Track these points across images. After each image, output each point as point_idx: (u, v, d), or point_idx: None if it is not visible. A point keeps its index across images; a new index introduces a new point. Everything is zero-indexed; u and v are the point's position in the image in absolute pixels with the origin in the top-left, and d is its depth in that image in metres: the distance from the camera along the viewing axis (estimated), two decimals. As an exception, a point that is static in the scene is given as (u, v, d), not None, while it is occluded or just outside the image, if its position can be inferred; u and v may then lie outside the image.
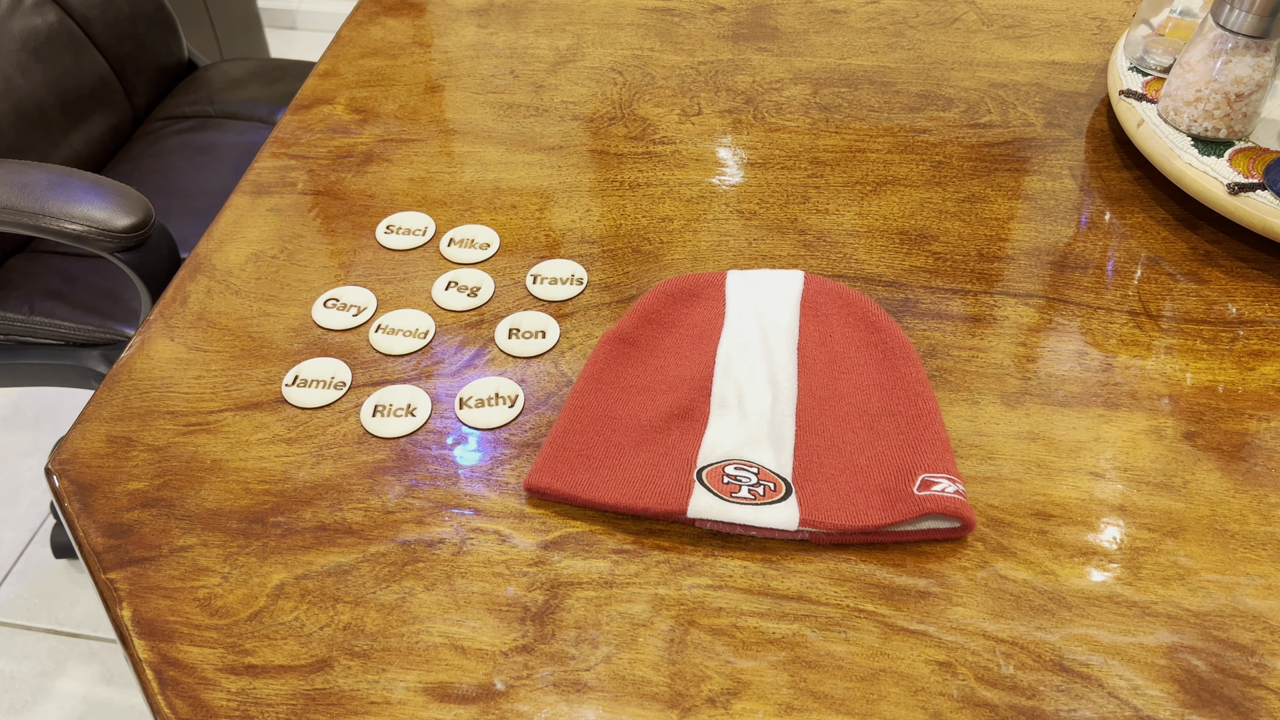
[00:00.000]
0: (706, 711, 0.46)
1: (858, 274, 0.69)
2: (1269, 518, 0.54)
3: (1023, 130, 0.81)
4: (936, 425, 0.56)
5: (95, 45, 1.21)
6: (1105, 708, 0.46)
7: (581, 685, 0.47)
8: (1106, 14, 0.95)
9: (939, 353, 0.63)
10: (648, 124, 0.83)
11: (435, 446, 0.58)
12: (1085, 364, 0.62)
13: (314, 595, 0.51)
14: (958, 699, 0.46)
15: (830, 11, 0.96)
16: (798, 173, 0.77)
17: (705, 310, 0.64)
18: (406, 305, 0.67)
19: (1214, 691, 0.47)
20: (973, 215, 0.73)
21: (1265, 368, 0.62)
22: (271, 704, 0.47)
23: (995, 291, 0.67)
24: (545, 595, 0.51)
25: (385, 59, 0.91)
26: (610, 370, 0.60)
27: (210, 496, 0.56)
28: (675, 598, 0.51)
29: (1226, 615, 0.49)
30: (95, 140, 1.22)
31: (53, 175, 0.91)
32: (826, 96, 0.85)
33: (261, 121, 1.27)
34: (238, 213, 0.74)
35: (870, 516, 0.52)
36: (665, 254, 0.70)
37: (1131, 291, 0.67)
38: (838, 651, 0.48)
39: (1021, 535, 0.53)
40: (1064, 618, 0.49)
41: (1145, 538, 0.53)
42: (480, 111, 0.84)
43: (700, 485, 0.53)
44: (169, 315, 0.66)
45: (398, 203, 0.75)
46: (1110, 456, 0.57)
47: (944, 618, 0.50)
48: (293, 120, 0.84)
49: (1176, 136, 0.72)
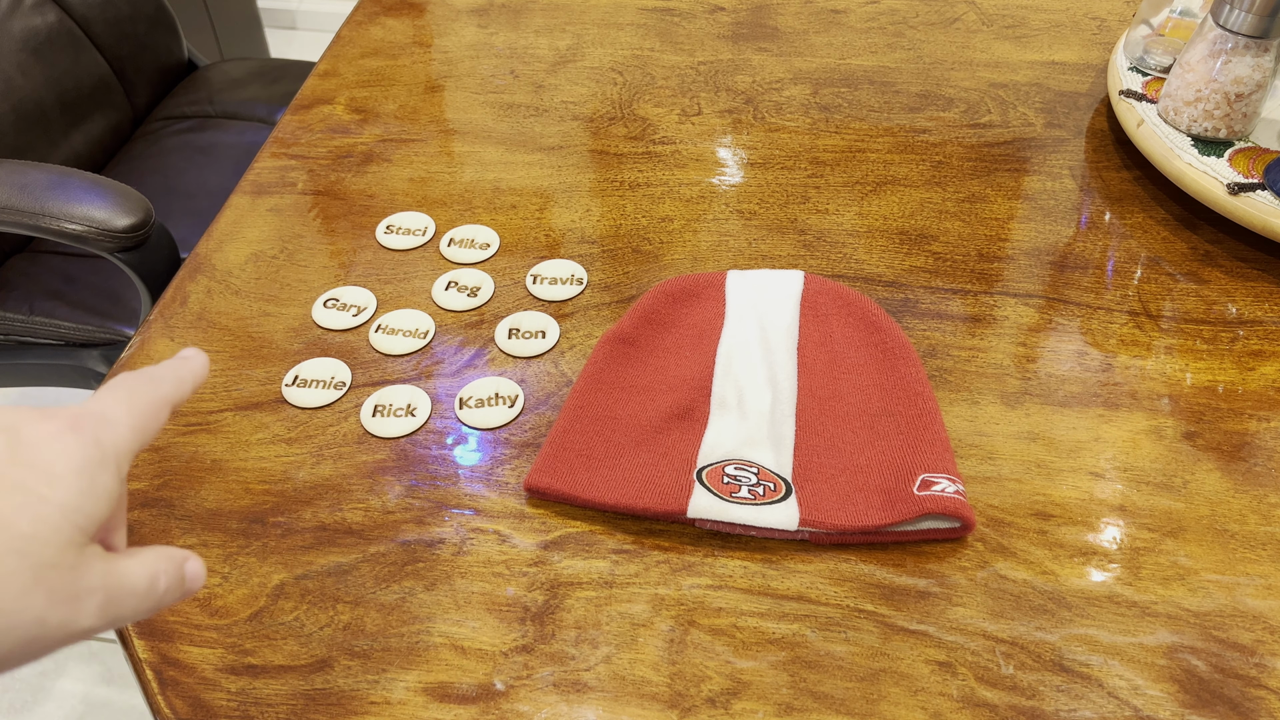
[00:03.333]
0: (706, 711, 0.46)
1: (858, 274, 0.69)
2: (1269, 518, 0.54)
3: (1023, 130, 0.81)
4: (936, 425, 0.56)
5: (95, 45, 1.21)
6: (1105, 708, 0.46)
7: (581, 685, 0.47)
8: (1106, 14, 0.95)
9: (939, 353, 0.63)
10: (648, 124, 0.83)
11: (435, 446, 0.58)
12: (1085, 364, 0.62)
13: (314, 595, 0.51)
14: (958, 699, 0.46)
15: (830, 11, 0.96)
16: (798, 173, 0.77)
17: (705, 310, 0.64)
18: (406, 305, 0.67)
19: (1214, 692, 0.47)
20: (973, 215, 0.73)
21: (1265, 368, 0.62)
22: (271, 704, 0.47)
23: (995, 291, 0.67)
24: (545, 595, 0.51)
25: (385, 59, 0.91)
26: (610, 370, 0.60)
27: (210, 496, 0.56)
28: (675, 598, 0.51)
29: (1226, 615, 0.49)
30: (95, 140, 1.21)
31: (53, 175, 0.91)
32: (826, 96, 0.85)
33: (261, 121, 1.27)
34: (238, 213, 0.74)
35: (870, 516, 0.52)
36: (665, 254, 0.70)
37: (1131, 291, 0.67)
38: (838, 651, 0.48)
39: (1021, 535, 0.53)
40: (1064, 618, 0.49)
41: (1145, 538, 0.53)
42: (480, 111, 0.84)
43: (700, 485, 0.53)
44: (169, 315, 0.66)
45: (398, 203, 0.75)
46: (1110, 456, 0.57)
47: (944, 618, 0.50)
48: (293, 120, 0.84)
49: (1176, 136, 0.72)
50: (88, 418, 0.32)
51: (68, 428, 0.31)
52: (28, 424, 0.31)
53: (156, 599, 0.33)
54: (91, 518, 0.30)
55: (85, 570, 0.30)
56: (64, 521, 0.29)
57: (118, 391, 0.34)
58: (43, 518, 0.29)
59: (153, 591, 0.33)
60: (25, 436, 0.30)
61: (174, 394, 0.36)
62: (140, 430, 0.33)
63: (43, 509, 0.29)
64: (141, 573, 0.32)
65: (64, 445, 0.31)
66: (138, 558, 0.33)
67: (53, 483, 0.30)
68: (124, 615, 0.32)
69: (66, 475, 0.30)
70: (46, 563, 0.29)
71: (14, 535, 0.28)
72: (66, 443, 0.31)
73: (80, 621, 0.30)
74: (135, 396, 0.34)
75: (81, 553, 0.30)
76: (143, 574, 0.32)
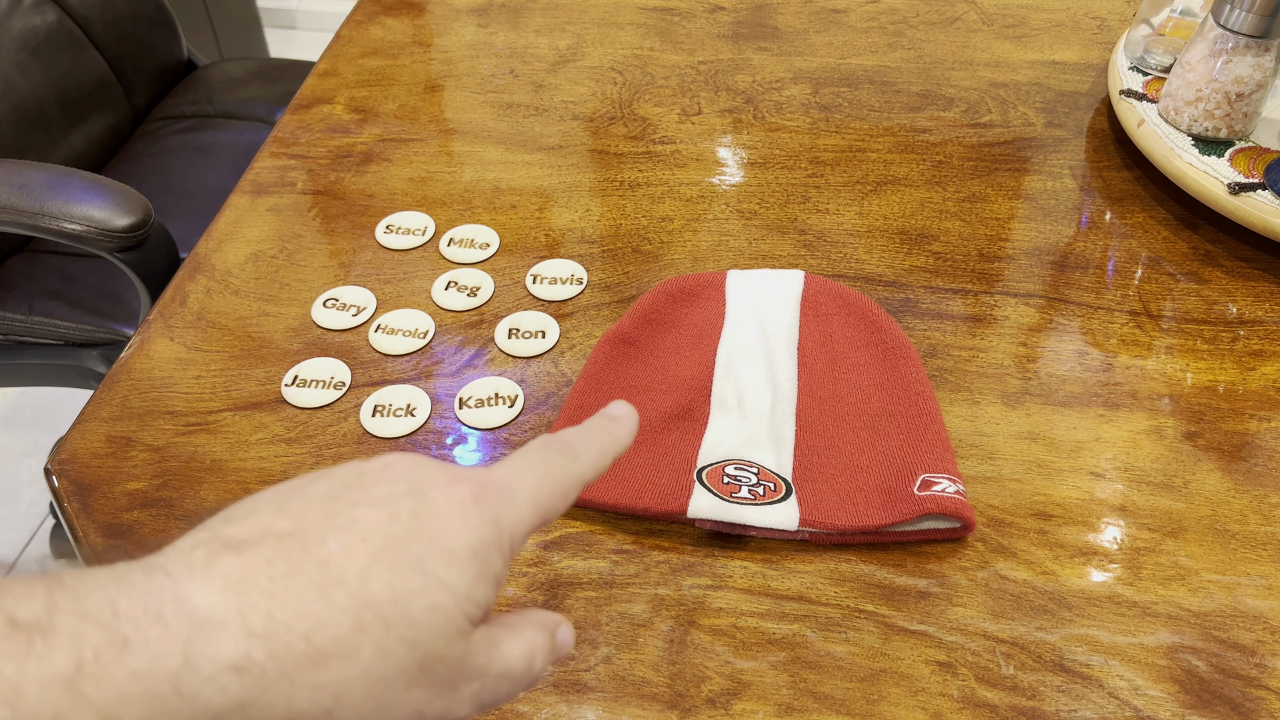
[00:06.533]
0: (706, 712, 0.46)
1: (858, 274, 0.69)
2: (1269, 518, 0.54)
3: (1023, 130, 0.81)
4: (937, 425, 0.56)
5: (95, 45, 1.21)
6: (1106, 708, 0.46)
7: (581, 685, 0.47)
8: (1107, 14, 0.95)
9: (939, 353, 0.63)
10: (648, 124, 0.83)
11: (435, 447, 0.58)
12: (1086, 364, 0.62)
13: (313, 595, 0.51)
14: (958, 699, 0.46)
15: (830, 11, 0.96)
16: (798, 172, 0.77)
17: (705, 310, 0.63)
18: (406, 305, 0.67)
19: (1214, 692, 0.47)
20: (973, 215, 0.73)
21: (1266, 368, 0.62)
22: (271, 704, 0.47)
23: (996, 291, 0.67)
24: (545, 595, 0.51)
25: (385, 59, 0.91)
26: (610, 370, 0.60)
27: (210, 496, 0.55)
28: (675, 598, 0.50)
29: (1227, 615, 0.49)
30: (94, 140, 1.21)
31: (52, 175, 0.91)
32: (827, 96, 0.85)
33: (261, 121, 1.27)
34: (237, 212, 0.74)
35: (870, 516, 0.52)
36: (665, 254, 0.70)
37: (1132, 291, 0.67)
38: (838, 652, 0.48)
39: (1022, 535, 0.53)
40: (1064, 618, 0.49)
41: (1146, 538, 0.53)
42: (480, 111, 0.84)
43: (700, 485, 0.53)
44: (168, 315, 0.66)
45: (397, 202, 0.75)
46: (1111, 456, 0.57)
47: (944, 618, 0.49)
48: (292, 120, 0.84)
49: (1177, 136, 0.72)
50: (492, 488, 0.29)
51: (471, 499, 0.28)
52: (436, 488, 0.28)
53: (531, 678, 0.30)
54: (480, 605, 0.27)
55: (469, 661, 0.27)
56: (456, 610, 0.27)
57: (532, 460, 0.31)
58: (438, 606, 0.26)
59: (529, 673, 0.30)
60: (432, 503, 0.28)
61: (590, 473, 0.32)
62: (542, 513, 0.30)
63: (439, 596, 0.26)
64: (519, 655, 0.29)
65: (465, 521, 0.28)
66: (515, 639, 0.30)
67: (450, 565, 0.27)
68: (498, 700, 0.29)
69: (464, 558, 0.27)
70: (435, 655, 0.26)
71: (409, 624, 0.26)
72: (469, 518, 0.28)
73: (455, 712, 0.28)
74: (547, 473, 0.31)
75: (467, 641, 0.27)
76: (520, 656, 0.29)
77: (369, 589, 0.25)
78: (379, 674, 0.25)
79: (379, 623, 0.25)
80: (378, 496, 0.28)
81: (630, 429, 0.34)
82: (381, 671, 0.25)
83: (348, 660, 0.25)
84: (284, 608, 0.25)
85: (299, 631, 0.24)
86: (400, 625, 0.25)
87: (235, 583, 0.25)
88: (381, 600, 0.25)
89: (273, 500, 0.28)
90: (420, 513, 0.27)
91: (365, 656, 0.25)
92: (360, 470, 0.29)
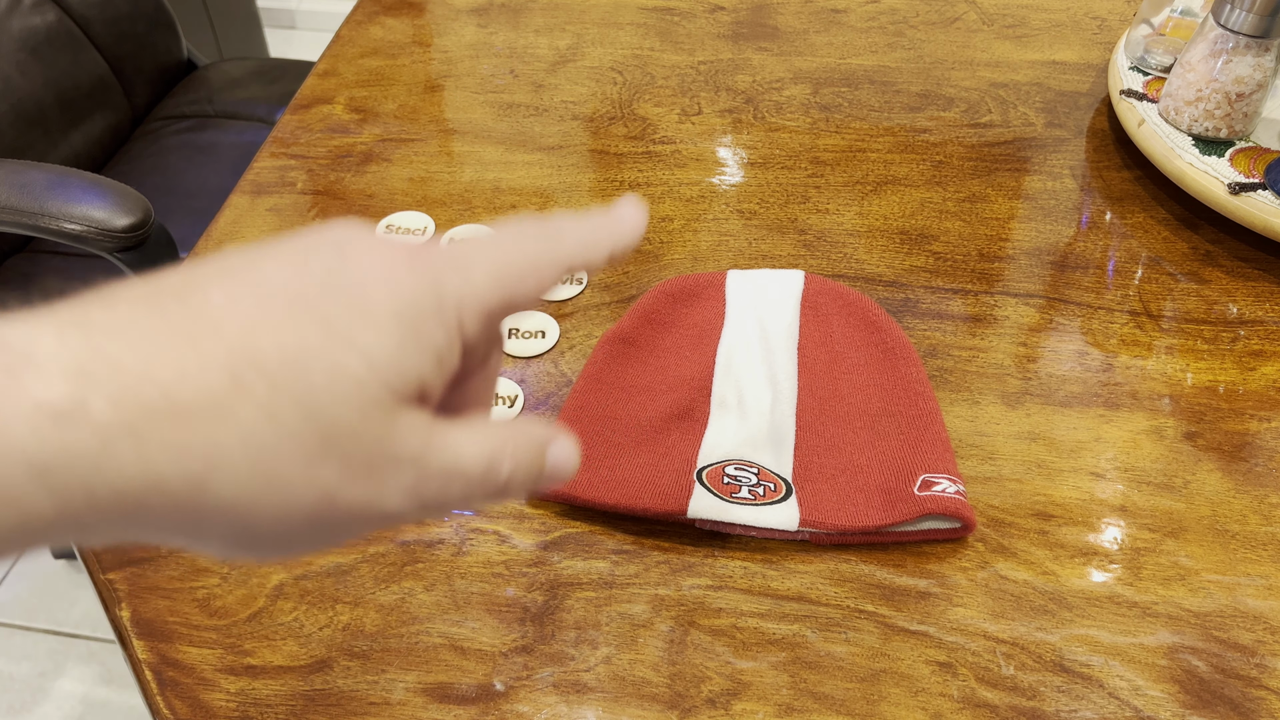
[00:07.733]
0: (706, 712, 0.46)
1: (858, 274, 0.68)
2: (1270, 518, 0.54)
3: (1023, 130, 0.81)
4: (937, 425, 0.56)
5: (94, 45, 1.21)
6: (1106, 708, 0.46)
7: (581, 686, 0.47)
8: (1107, 13, 0.95)
9: (939, 353, 0.63)
10: (648, 124, 0.82)
11: (435, 447, 0.58)
12: (1086, 364, 0.62)
13: (313, 596, 0.51)
14: (958, 700, 0.46)
15: (830, 11, 0.96)
16: (798, 172, 0.77)
17: (705, 310, 0.63)
18: (406, 305, 0.67)
19: (1215, 692, 0.46)
20: (973, 215, 0.73)
21: (1266, 368, 0.62)
22: (271, 704, 0.47)
23: (996, 291, 0.67)
24: (545, 596, 0.51)
25: (385, 59, 0.91)
26: (610, 370, 0.60)
27: (209, 497, 0.55)
28: (675, 598, 0.50)
29: (1227, 616, 0.49)
30: (94, 140, 1.21)
31: (52, 175, 0.91)
32: (827, 96, 0.85)
33: (261, 121, 1.27)
34: (237, 212, 0.74)
35: (870, 517, 0.52)
36: (665, 254, 0.70)
37: (1132, 291, 0.67)
38: (838, 652, 0.48)
39: (1022, 535, 0.53)
40: (1064, 618, 0.49)
41: (1146, 538, 0.53)
42: (480, 111, 0.84)
43: (700, 485, 0.53)
44: (168, 315, 0.66)
45: (397, 202, 0.75)
46: (1111, 457, 0.57)
47: (944, 618, 0.49)
48: (292, 120, 0.84)
49: (1177, 136, 0.72)
50: (437, 257, 0.25)
51: (405, 261, 0.24)
52: (362, 246, 0.24)
53: (497, 486, 0.25)
54: (408, 379, 0.23)
55: (394, 440, 0.23)
56: (371, 378, 0.22)
57: (500, 232, 0.26)
58: (342, 369, 0.22)
59: (491, 477, 0.25)
60: (353, 259, 0.24)
61: (575, 258, 0.27)
62: (504, 288, 0.25)
63: (345, 358, 0.22)
64: (475, 453, 0.24)
65: (393, 281, 0.24)
66: (473, 433, 0.25)
67: (366, 327, 0.23)
68: (449, 501, 0.24)
69: (384, 319, 0.23)
70: (343, 428, 0.22)
71: (304, 387, 0.22)
72: (398, 278, 0.24)
73: (383, 503, 0.23)
74: (515, 245, 0.26)
75: (391, 418, 0.23)
76: (477, 455, 0.24)
77: (253, 342, 0.22)
78: (263, 440, 0.21)
79: (263, 381, 0.21)
80: (288, 251, 0.24)
81: (634, 224, 0.28)
82: (267, 438, 0.21)
83: (220, 421, 0.21)
84: (135, 353, 0.21)
85: (155, 381, 0.21)
86: (292, 386, 0.22)
87: (79, 325, 0.21)
88: (268, 356, 0.22)
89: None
90: (336, 268, 0.23)
91: (244, 418, 0.21)
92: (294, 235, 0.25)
